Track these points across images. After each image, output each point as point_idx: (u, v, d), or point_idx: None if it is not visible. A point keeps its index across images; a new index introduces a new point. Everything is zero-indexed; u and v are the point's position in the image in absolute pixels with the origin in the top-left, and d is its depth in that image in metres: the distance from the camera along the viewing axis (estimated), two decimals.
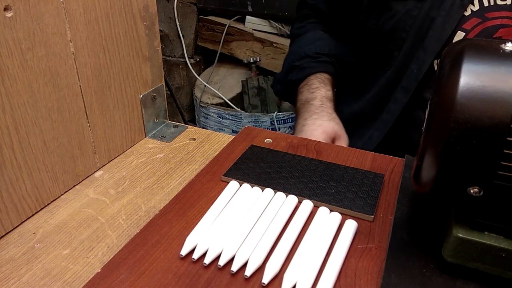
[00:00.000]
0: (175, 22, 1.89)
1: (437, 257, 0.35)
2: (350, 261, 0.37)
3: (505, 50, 0.31)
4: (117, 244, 0.42)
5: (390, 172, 0.50)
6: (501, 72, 0.30)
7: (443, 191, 0.32)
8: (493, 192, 0.30)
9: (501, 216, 0.32)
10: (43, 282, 0.37)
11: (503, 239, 0.32)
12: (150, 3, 0.57)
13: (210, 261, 0.37)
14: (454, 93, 0.30)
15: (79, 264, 0.39)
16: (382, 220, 0.42)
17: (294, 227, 0.40)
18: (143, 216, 0.46)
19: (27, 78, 0.42)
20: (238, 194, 0.45)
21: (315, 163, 0.50)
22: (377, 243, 0.39)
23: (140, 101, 0.59)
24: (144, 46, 0.58)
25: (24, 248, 0.41)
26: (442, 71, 0.32)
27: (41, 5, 0.42)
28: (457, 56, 0.31)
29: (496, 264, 0.33)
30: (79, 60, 0.48)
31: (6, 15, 0.39)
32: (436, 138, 0.31)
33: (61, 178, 0.49)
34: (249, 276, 0.35)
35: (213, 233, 0.39)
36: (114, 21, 0.52)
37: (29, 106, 0.43)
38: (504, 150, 0.29)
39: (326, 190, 0.45)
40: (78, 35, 0.47)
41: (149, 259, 0.37)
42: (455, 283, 0.34)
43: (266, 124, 1.74)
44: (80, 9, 0.46)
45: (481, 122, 0.29)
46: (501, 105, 0.29)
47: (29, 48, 0.41)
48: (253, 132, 0.60)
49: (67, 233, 0.43)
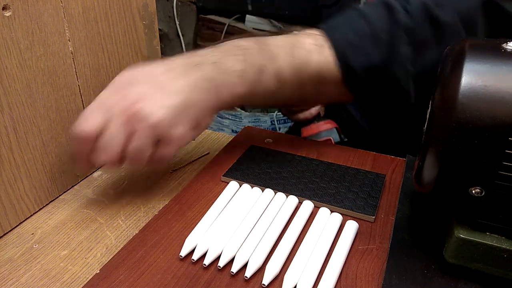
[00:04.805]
0: (175, 21, 1.88)
1: (438, 258, 0.35)
2: (351, 262, 0.37)
3: (506, 50, 0.31)
4: (116, 245, 0.41)
5: (391, 172, 0.49)
6: (503, 71, 0.30)
7: (445, 191, 0.32)
8: (495, 192, 0.30)
9: (502, 217, 0.32)
10: (42, 283, 0.37)
11: (504, 240, 0.32)
12: (149, 2, 0.57)
13: (209, 262, 0.36)
14: (455, 93, 0.30)
15: (77, 265, 0.39)
16: (383, 221, 0.42)
17: (294, 228, 0.40)
18: (142, 216, 0.46)
19: (25, 77, 0.42)
20: (238, 195, 0.45)
21: (315, 163, 0.50)
22: (378, 244, 0.39)
23: None
24: (143, 46, 0.57)
25: (22, 248, 0.41)
26: (443, 70, 0.32)
27: (39, 4, 0.41)
28: (458, 56, 0.31)
29: (497, 265, 0.32)
30: (78, 60, 0.48)
31: (5, 14, 0.38)
32: (438, 138, 0.31)
33: (60, 178, 0.48)
34: (249, 277, 0.35)
35: (212, 234, 0.39)
36: (113, 20, 0.51)
37: (27, 105, 0.42)
38: (506, 150, 0.29)
39: (327, 191, 0.45)
40: (77, 34, 0.47)
41: (148, 260, 0.37)
42: (457, 284, 0.34)
43: (266, 124, 1.74)
44: (79, 8, 0.46)
45: (483, 122, 0.29)
46: (503, 105, 0.29)
47: (27, 48, 0.41)
48: (253, 132, 0.59)
49: (65, 233, 0.43)
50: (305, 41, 0.48)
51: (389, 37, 0.46)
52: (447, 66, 0.32)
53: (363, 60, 0.46)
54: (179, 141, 0.43)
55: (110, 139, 0.40)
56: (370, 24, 0.47)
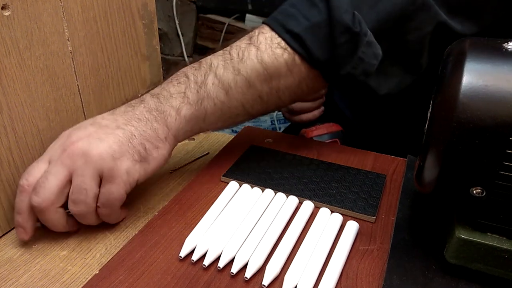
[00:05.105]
0: (174, 21, 1.88)
1: (439, 259, 0.35)
2: (351, 262, 0.37)
3: (507, 49, 0.31)
4: (115, 245, 0.41)
5: (392, 173, 0.49)
6: (504, 71, 0.29)
7: (446, 191, 0.32)
8: (496, 192, 0.30)
9: (503, 217, 0.32)
10: (41, 283, 0.37)
11: (505, 240, 0.32)
12: (148, 1, 0.57)
13: (209, 262, 0.36)
14: (456, 92, 0.30)
15: (77, 265, 0.39)
16: (384, 221, 0.42)
17: (294, 228, 0.40)
18: (142, 217, 0.45)
19: (24, 77, 0.41)
20: (238, 195, 0.45)
21: (316, 163, 0.50)
22: (378, 244, 0.39)
23: None
24: (143, 45, 0.57)
25: (22, 249, 0.41)
26: (444, 70, 0.32)
27: (39, 3, 0.41)
28: (459, 55, 0.31)
29: (498, 265, 0.32)
30: (77, 59, 0.47)
31: (4, 13, 0.38)
32: (438, 138, 0.30)
33: None
34: (249, 278, 0.35)
35: (212, 234, 0.39)
36: (113, 19, 0.51)
37: (26, 105, 0.42)
38: (506, 150, 0.29)
39: (327, 191, 0.45)
40: (76, 34, 0.47)
41: (147, 260, 0.37)
42: (458, 284, 0.34)
43: (266, 124, 1.74)
44: (78, 7, 0.46)
45: (484, 122, 0.29)
46: (504, 104, 0.29)
47: (26, 47, 0.41)
48: (253, 132, 0.59)
49: (65, 234, 0.43)
50: (240, 41, 0.46)
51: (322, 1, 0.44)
52: (448, 65, 0.32)
53: (304, 21, 0.44)
54: (126, 177, 0.40)
55: (46, 179, 0.38)
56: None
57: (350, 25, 0.43)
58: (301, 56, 0.44)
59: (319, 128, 0.67)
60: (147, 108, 0.43)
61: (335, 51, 0.44)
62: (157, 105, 0.43)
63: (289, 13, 0.45)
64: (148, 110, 0.43)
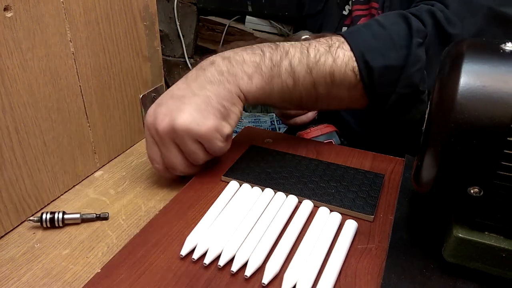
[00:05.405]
0: (175, 22, 1.89)
1: (437, 257, 0.35)
2: (350, 261, 0.37)
3: (505, 50, 0.31)
4: (117, 244, 0.42)
5: (390, 172, 0.50)
6: (501, 72, 0.30)
7: (443, 191, 0.32)
8: (493, 192, 0.30)
9: (501, 216, 0.32)
10: (43, 282, 0.37)
11: (503, 239, 0.32)
12: (150, 3, 0.57)
13: (210, 261, 0.36)
14: (454, 93, 0.30)
15: (79, 264, 0.39)
16: (382, 220, 0.42)
17: (294, 227, 0.40)
18: (143, 216, 0.46)
19: (27, 78, 0.42)
20: (238, 194, 0.45)
21: (315, 163, 0.50)
22: (377, 243, 0.39)
23: (140, 101, 0.59)
24: (144, 46, 0.58)
25: (24, 248, 0.41)
26: (442, 71, 0.32)
27: (41, 5, 0.42)
28: (457, 56, 0.31)
29: (496, 264, 0.32)
30: (79, 60, 0.48)
31: (6, 15, 0.39)
32: (436, 138, 0.31)
33: (61, 178, 0.49)
34: (249, 276, 0.35)
35: (213, 233, 0.39)
36: (114, 21, 0.52)
37: (29, 106, 0.43)
38: (504, 150, 0.29)
39: (326, 190, 0.45)
40: (78, 35, 0.47)
41: (149, 259, 0.37)
42: (455, 283, 0.34)
43: (266, 124, 1.74)
44: (80, 9, 0.46)
45: (481, 122, 0.29)
46: (501, 105, 0.29)
47: (29, 48, 0.41)
48: (253, 132, 0.60)
49: (67, 233, 0.43)
50: (319, 44, 0.49)
51: (405, 41, 0.47)
52: (445, 66, 0.32)
53: (381, 60, 0.47)
54: (217, 134, 0.45)
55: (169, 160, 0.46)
56: (386, 29, 0.48)
57: (418, 83, 0.48)
58: (365, 86, 0.48)
59: (314, 130, 0.68)
60: (218, 70, 0.46)
61: (393, 95, 0.49)
62: (228, 67, 0.46)
63: (371, 45, 0.48)
64: (220, 73, 0.46)
